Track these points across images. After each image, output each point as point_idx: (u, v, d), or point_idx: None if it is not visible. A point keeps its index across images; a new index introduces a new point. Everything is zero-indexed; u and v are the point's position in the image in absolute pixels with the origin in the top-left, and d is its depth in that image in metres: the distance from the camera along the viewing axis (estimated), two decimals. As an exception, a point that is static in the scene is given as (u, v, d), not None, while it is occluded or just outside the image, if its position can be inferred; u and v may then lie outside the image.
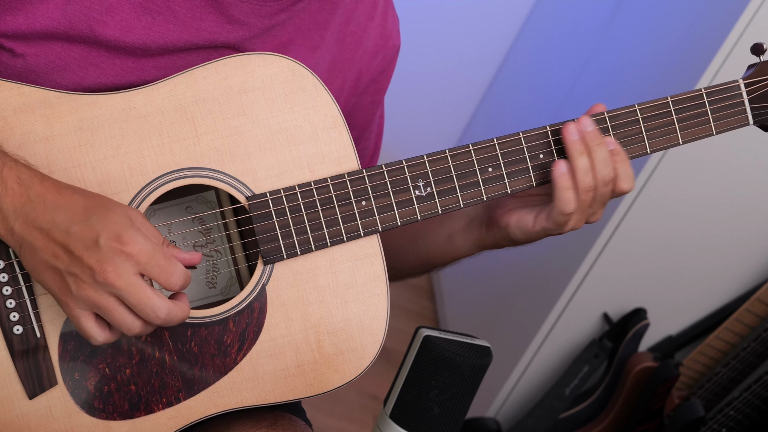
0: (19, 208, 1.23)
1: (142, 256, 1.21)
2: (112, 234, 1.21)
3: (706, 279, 2.84)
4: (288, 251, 1.36)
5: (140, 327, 1.24)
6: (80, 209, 1.23)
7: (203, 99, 1.34)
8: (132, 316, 1.23)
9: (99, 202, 1.24)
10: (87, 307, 1.23)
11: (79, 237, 1.21)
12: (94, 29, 1.34)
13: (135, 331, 1.24)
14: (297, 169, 1.36)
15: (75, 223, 1.21)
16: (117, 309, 1.22)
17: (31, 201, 1.23)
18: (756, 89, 1.46)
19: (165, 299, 1.23)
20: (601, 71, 3.22)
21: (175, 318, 1.25)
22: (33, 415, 1.33)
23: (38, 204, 1.23)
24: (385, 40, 1.55)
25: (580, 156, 1.40)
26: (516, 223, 1.47)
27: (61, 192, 1.24)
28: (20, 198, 1.23)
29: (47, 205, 1.22)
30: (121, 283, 1.21)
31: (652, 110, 1.44)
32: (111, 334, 1.26)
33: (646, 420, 2.83)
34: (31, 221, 1.22)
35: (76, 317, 1.24)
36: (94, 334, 1.25)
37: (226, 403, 1.37)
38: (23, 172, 1.24)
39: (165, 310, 1.23)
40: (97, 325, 1.25)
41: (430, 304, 3.87)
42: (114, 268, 1.20)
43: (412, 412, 1.35)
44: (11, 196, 1.23)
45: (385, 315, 1.40)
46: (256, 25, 1.41)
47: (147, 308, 1.22)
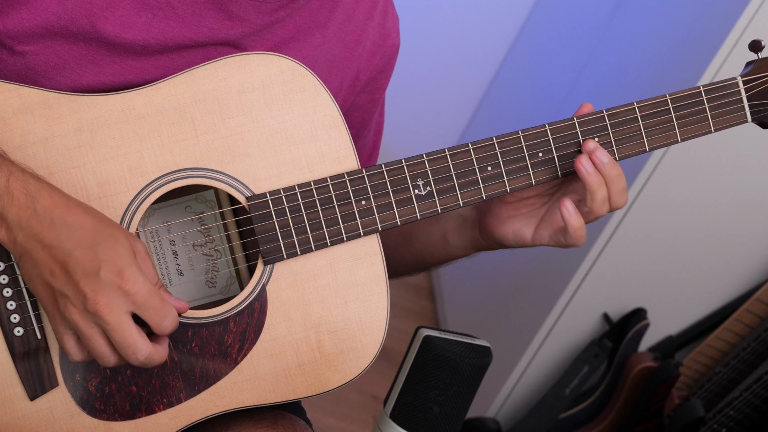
0: (24, 220, 1.22)
1: (139, 296, 1.22)
2: (115, 268, 1.21)
3: (706, 279, 2.84)
4: (288, 251, 1.36)
5: (115, 362, 1.25)
6: (88, 233, 1.22)
7: (203, 99, 1.34)
8: (110, 350, 1.24)
9: (107, 229, 1.24)
10: (70, 329, 1.24)
11: (80, 262, 1.21)
12: (95, 25, 1.34)
13: (109, 364, 1.25)
14: (297, 169, 1.36)
15: (80, 247, 1.21)
16: (98, 341, 1.23)
17: (37, 214, 1.22)
18: (754, 86, 1.46)
19: (148, 342, 1.24)
20: (601, 71, 3.22)
21: (154, 362, 1.26)
22: (34, 416, 1.33)
23: (44, 218, 1.22)
24: (384, 39, 1.55)
25: (600, 188, 1.41)
26: (513, 235, 1.49)
27: (70, 209, 1.23)
28: (26, 210, 1.22)
29: (54, 221, 1.22)
30: (110, 318, 1.21)
31: (650, 108, 1.44)
32: (88, 356, 1.27)
33: (646, 420, 2.83)
34: (35, 235, 1.22)
35: (60, 334, 1.25)
36: (72, 353, 1.26)
37: (227, 403, 1.37)
38: (30, 182, 1.24)
39: (145, 354, 1.24)
40: (77, 346, 1.25)
41: (430, 304, 3.87)
42: (107, 302, 1.20)
43: (412, 412, 1.35)
44: (17, 207, 1.22)
45: (386, 314, 1.40)
46: (255, 21, 1.41)
47: (129, 349, 1.23)
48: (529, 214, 1.49)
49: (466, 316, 3.57)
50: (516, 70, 4.03)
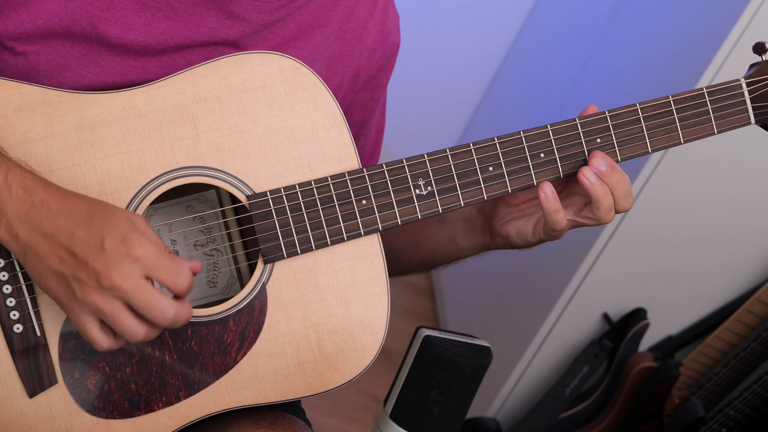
0: (24, 213, 1.22)
1: (149, 258, 1.21)
2: (118, 237, 1.20)
3: (706, 279, 2.84)
4: (288, 250, 1.36)
5: (144, 332, 1.23)
6: (84, 214, 1.22)
7: (204, 98, 1.34)
8: (136, 321, 1.22)
9: (102, 207, 1.24)
10: (92, 313, 1.22)
11: (84, 241, 1.20)
12: (96, 26, 1.34)
13: (139, 336, 1.23)
14: (297, 168, 1.36)
15: (79, 228, 1.21)
16: (122, 314, 1.22)
17: (35, 206, 1.22)
18: (758, 88, 1.46)
19: (172, 300, 1.23)
20: (601, 71, 3.22)
21: (182, 319, 1.24)
22: (33, 413, 1.33)
23: (42, 209, 1.22)
24: (384, 37, 1.55)
25: (605, 197, 1.41)
26: (516, 233, 1.49)
27: (64, 197, 1.24)
28: (24, 203, 1.22)
29: (51, 210, 1.22)
30: (127, 287, 1.20)
31: (653, 109, 1.44)
32: (115, 340, 1.25)
33: (646, 420, 2.83)
34: (35, 227, 1.22)
35: (82, 323, 1.23)
36: (99, 340, 1.24)
37: (226, 402, 1.37)
38: (28, 177, 1.24)
39: (173, 311, 1.22)
40: (102, 332, 1.24)
41: (430, 304, 3.87)
42: (120, 272, 1.20)
43: (412, 412, 1.35)
44: (16, 201, 1.22)
45: (386, 314, 1.40)
46: (256, 21, 1.41)
47: (155, 310, 1.21)
48: (531, 214, 1.49)
49: (466, 316, 3.57)
50: (516, 70, 4.03)
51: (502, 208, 1.50)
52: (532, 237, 1.49)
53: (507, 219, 1.49)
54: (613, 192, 1.42)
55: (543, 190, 1.41)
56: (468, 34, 4.11)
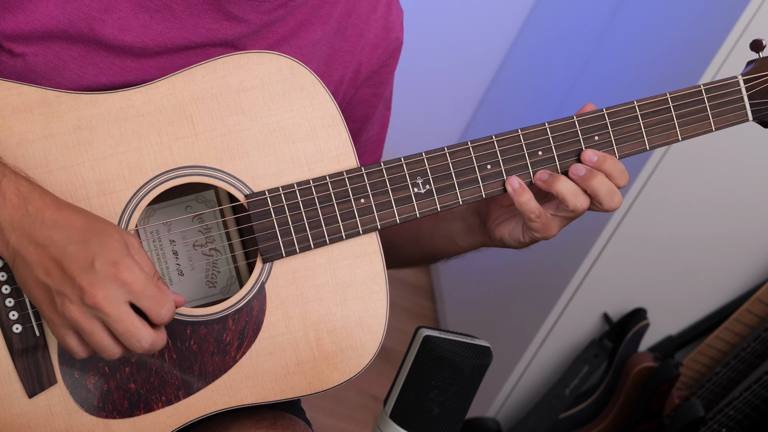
0: (17, 221, 1.22)
1: (136, 285, 1.21)
2: (109, 260, 1.21)
3: (706, 279, 2.84)
4: (287, 249, 1.36)
5: (119, 353, 1.24)
6: (79, 229, 1.22)
7: (201, 97, 1.34)
8: (113, 342, 1.23)
9: (98, 225, 1.24)
10: (70, 327, 1.23)
11: (75, 257, 1.20)
12: (94, 28, 1.34)
13: (113, 356, 1.24)
14: (296, 168, 1.36)
15: (72, 243, 1.21)
16: (99, 334, 1.22)
17: (29, 215, 1.22)
18: (755, 85, 1.46)
19: (150, 329, 1.23)
20: (601, 71, 3.22)
21: (156, 348, 1.25)
22: (32, 413, 1.33)
23: (36, 219, 1.22)
24: (387, 32, 1.55)
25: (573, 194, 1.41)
26: (509, 235, 1.50)
27: (60, 209, 1.24)
28: (18, 211, 1.22)
29: (45, 220, 1.22)
30: (110, 310, 1.20)
31: (651, 107, 1.44)
32: (90, 352, 1.26)
33: (646, 420, 2.83)
34: (27, 235, 1.22)
35: (60, 335, 1.24)
36: (76, 351, 1.25)
37: (226, 401, 1.37)
38: (23, 184, 1.24)
39: (149, 340, 1.23)
40: (80, 343, 1.25)
41: (430, 304, 3.87)
42: (105, 294, 1.20)
43: (412, 412, 1.35)
44: (9, 208, 1.22)
45: (385, 313, 1.40)
46: (254, 21, 1.41)
47: (132, 338, 1.22)
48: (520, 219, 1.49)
49: (466, 316, 3.57)
50: (516, 70, 4.03)
51: (494, 210, 1.50)
52: (523, 237, 1.49)
53: (499, 221, 1.49)
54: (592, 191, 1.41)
55: (510, 183, 1.41)
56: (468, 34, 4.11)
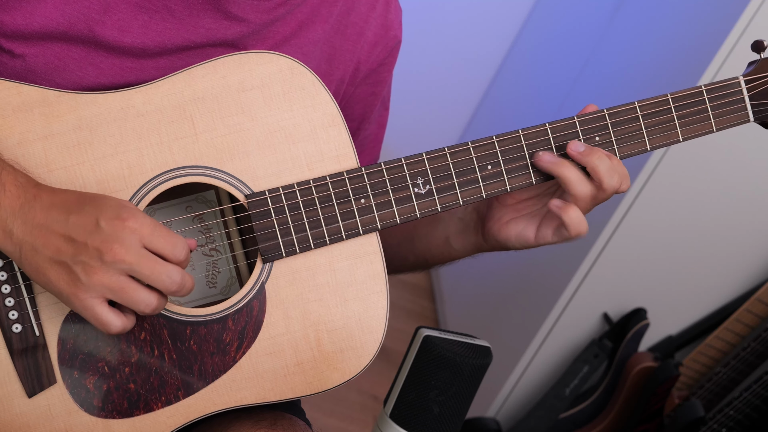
0: (17, 209, 1.23)
1: (145, 228, 1.22)
2: (111, 214, 1.21)
3: (706, 279, 2.84)
4: (287, 249, 1.36)
5: (156, 301, 1.24)
6: (74, 201, 1.23)
7: (202, 97, 1.34)
8: (147, 291, 1.23)
9: (92, 195, 1.25)
10: (99, 294, 1.22)
11: (79, 224, 1.21)
12: (93, 29, 1.34)
13: (152, 306, 1.24)
14: (296, 168, 1.36)
15: (72, 214, 1.22)
16: (131, 286, 1.22)
17: (28, 201, 1.23)
18: (756, 86, 1.46)
19: (175, 266, 1.23)
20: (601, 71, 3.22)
21: (188, 284, 1.25)
22: (32, 413, 1.33)
23: (35, 203, 1.23)
24: (386, 31, 1.55)
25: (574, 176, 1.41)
26: (516, 237, 1.48)
27: (55, 192, 1.25)
28: (18, 199, 1.23)
29: (43, 203, 1.23)
30: (131, 257, 1.21)
31: (651, 107, 1.44)
32: (127, 318, 1.26)
33: (646, 420, 2.83)
34: (29, 220, 1.22)
35: (90, 307, 1.23)
36: (111, 321, 1.24)
37: (226, 401, 1.37)
38: (20, 176, 1.25)
39: (179, 275, 1.23)
40: (113, 311, 1.24)
41: (430, 304, 3.87)
42: (121, 244, 1.20)
43: (412, 412, 1.34)
44: (9, 198, 1.23)
45: (385, 313, 1.40)
46: (255, 21, 1.41)
47: (162, 275, 1.22)
48: (531, 215, 1.48)
49: (466, 316, 3.57)
50: (516, 70, 4.03)
51: (496, 209, 1.49)
52: (535, 242, 1.48)
53: (504, 220, 1.49)
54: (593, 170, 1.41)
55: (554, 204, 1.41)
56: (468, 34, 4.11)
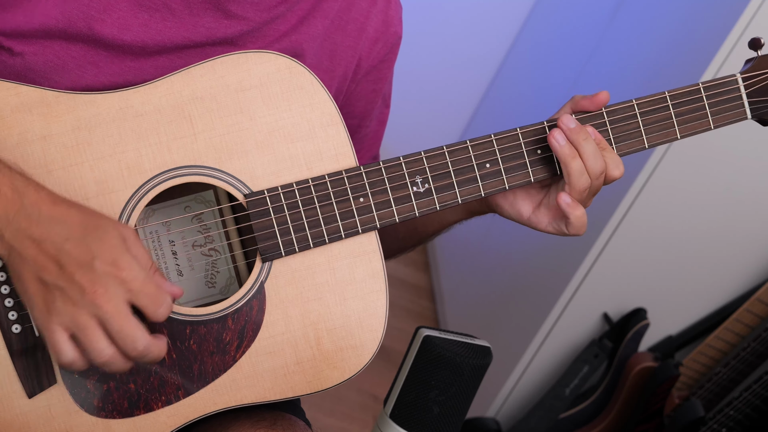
0: (12, 215, 1.22)
1: (136, 283, 1.21)
2: (109, 258, 1.20)
3: (706, 279, 2.84)
4: (286, 248, 1.36)
5: (110, 355, 1.23)
6: (76, 226, 1.22)
7: (200, 97, 1.34)
8: (107, 342, 1.22)
9: (95, 221, 1.23)
10: (65, 324, 1.22)
11: (73, 255, 1.20)
12: (93, 27, 1.35)
13: (104, 357, 1.22)
14: (295, 167, 1.36)
15: (70, 240, 1.21)
16: (95, 331, 1.21)
17: (24, 209, 1.22)
18: (754, 83, 1.46)
19: (147, 334, 1.23)
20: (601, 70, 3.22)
21: (151, 354, 1.24)
22: (32, 413, 1.33)
23: (32, 214, 1.22)
24: (386, 27, 1.55)
25: (573, 160, 1.40)
26: (510, 206, 1.48)
27: (56, 204, 1.23)
28: (14, 205, 1.22)
29: (42, 216, 1.22)
30: (109, 307, 1.20)
31: (649, 105, 1.44)
32: (80, 357, 1.24)
33: (646, 420, 2.83)
34: (23, 230, 1.21)
35: (51, 330, 1.22)
36: (64, 350, 1.22)
37: (226, 401, 1.37)
38: (18, 179, 1.23)
39: (144, 344, 1.22)
40: (69, 342, 1.23)
41: (430, 304, 3.87)
42: (105, 291, 1.20)
43: (412, 412, 1.35)
44: (4, 202, 1.22)
45: (384, 312, 1.40)
46: (254, 19, 1.41)
47: (128, 338, 1.21)
48: (529, 193, 1.47)
49: (466, 316, 3.57)
50: (516, 70, 4.03)
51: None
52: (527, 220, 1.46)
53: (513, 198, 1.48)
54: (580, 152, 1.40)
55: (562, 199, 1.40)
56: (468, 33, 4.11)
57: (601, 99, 1.44)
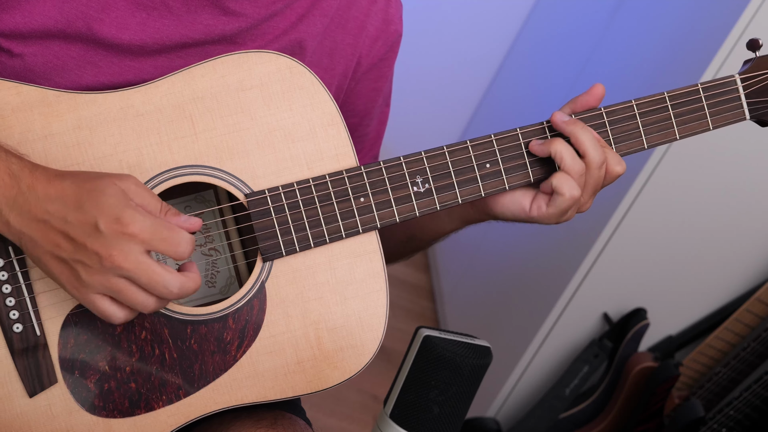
0: (11, 200, 1.22)
1: (145, 233, 1.20)
2: (111, 217, 1.20)
3: (706, 279, 2.84)
4: (287, 248, 1.36)
5: (154, 303, 1.23)
6: (72, 196, 1.21)
7: (201, 97, 1.35)
8: (145, 294, 1.22)
9: (89, 184, 1.22)
10: (99, 291, 1.22)
11: (77, 225, 1.20)
12: (92, 27, 1.35)
13: (150, 308, 1.23)
14: (295, 167, 1.37)
15: (70, 211, 1.21)
16: (129, 289, 1.22)
17: (22, 193, 1.22)
18: (752, 84, 1.47)
19: (175, 274, 1.23)
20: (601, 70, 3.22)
21: (188, 290, 1.24)
22: (33, 413, 1.33)
23: (30, 195, 1.22)
24: (386, 25, 1.55)
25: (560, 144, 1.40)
26: (511, 203, 1.46)
27: (50, 181, 1.23)
28: (11, 190, 1.22)
29: (39, 196, 1.22)
30: (129, 265, 1.20)
31: (648, 105, 1.45)
32: (130, 311, 1.25)
33: (646, 420, 2.83)
34: (25, 213, 1.22)
35: (91, 302, 1.23)
36: (113, 313, 1.24)
37: (226, 400, 1.37)
38: (14, 163, 1.24)
39: (177, 285, 1.22)
40: (114, 304, 1.24)
41: (430, 304, 3.87)
42: (120, 251, 1.19)
43: (412, 412, 1.35)
44: (2, 188, 1.22)
45: (385, 311, 1.40)
46: (252, 15, 1.41)
47: (159, 285, 1.21)
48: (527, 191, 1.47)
49: (466, 316, 3.57)
50: (516, 70, 4.03)
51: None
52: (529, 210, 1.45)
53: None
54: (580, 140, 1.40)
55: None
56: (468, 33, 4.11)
57: (597, 91, 1.45)
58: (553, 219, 1.45)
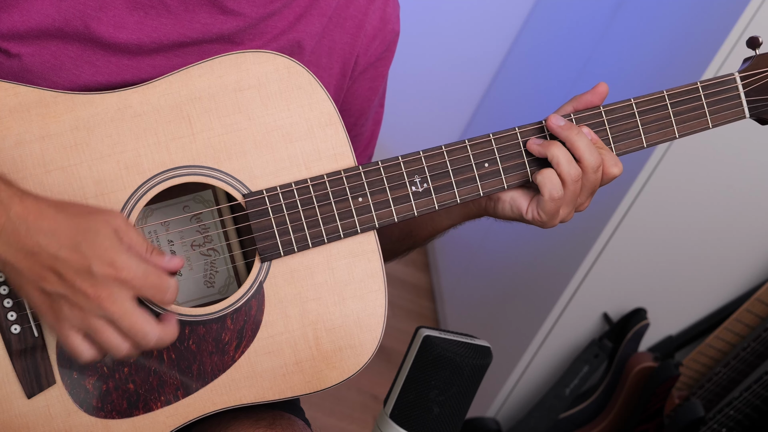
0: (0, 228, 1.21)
1: (137, 280, 1.21)
2: (105, 261, 1.20)
3: (706, 279, 2.84)
4: (285, 248, 1.36)
5: (128, 349, 1.24)
6: (66, 234, 1.21)
7: (199, 97, 1.34)
8: (122, 338, 1.23)
9: (84, 223, 1.22)
10: (77, 327, 1.23)
11: (69, 263, 1.20)
12: (89, 26, 1.34)
13: (123, 352, 1.24)
14: (293, 167, 1.36)
15: (63, 248, 1.20)
16: (107, 331, 1.22)
17: (11, 221, 1.21)
18: (752, 82, 1.46)
19: (156, 325, 1.24)
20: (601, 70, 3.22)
21: (164, 343, 1.26)
22: (31, 414, 1.33)
23: (20, 225, 1.21)
24: (384, 24, 1.54)
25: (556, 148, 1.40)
26: (510, 202, 1.46)
27: (42, 213, 1.22)
28: (0, 218, 1.21)
29: (30, 227, 1.21)
30: (115, 309, 1.21)
31: (648, 104, 1.45)
32: (99, 352, 1.26)
33: (646, 420, 2.83)
34: (13, 243, 1.21)
35: (65, 335, 1.23)
36: (83, 351, 1.24)
37: (225, 401, 1.37)
38: (2, 190, 1.22)
39: (156, 336, 1.24)
40: (86, 342, 1.24)
41: (430, 304, 3.87)
42: (109, 295, 1.20)
43: (412, 412, 1.35)
44: None
45: (383, 311, 1.40)
46: (250, 14, 1.41)
47: (138, 333, 1.22)
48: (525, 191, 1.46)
49: (466, 316, 3.57)
50: (516, 70, 4.03)
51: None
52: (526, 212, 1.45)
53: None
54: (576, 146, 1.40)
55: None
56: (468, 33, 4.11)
57: (601, 90, 1.45)
58: (546, 222, 1.45)
